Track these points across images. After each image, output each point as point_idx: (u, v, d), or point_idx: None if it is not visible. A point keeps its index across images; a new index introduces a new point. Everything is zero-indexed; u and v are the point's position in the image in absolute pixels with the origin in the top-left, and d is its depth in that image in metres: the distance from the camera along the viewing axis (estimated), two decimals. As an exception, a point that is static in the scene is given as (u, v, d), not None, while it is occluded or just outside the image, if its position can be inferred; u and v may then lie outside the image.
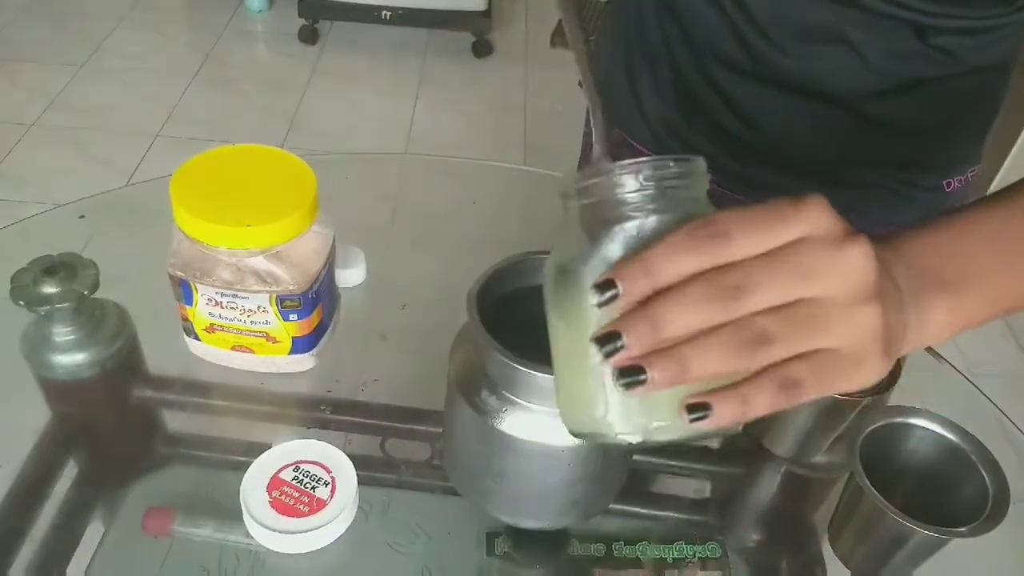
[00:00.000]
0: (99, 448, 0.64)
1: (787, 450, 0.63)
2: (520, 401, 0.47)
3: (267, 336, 0.64)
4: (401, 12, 2.63)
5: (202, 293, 0.62)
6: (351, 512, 0.56)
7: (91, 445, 0.64)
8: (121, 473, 0.62)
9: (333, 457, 0.57)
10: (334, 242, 0.66)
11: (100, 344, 0.64)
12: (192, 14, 2.88)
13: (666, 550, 0.56)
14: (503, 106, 2.53)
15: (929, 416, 0.56)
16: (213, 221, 0.59)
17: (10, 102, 2.33)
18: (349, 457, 0.57)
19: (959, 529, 0.50)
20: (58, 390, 0.65)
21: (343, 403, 0.66)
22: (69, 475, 0.60)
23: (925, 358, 0.75)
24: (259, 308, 0.62)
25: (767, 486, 0.65)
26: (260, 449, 0.57)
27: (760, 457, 0.64)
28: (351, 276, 0.75)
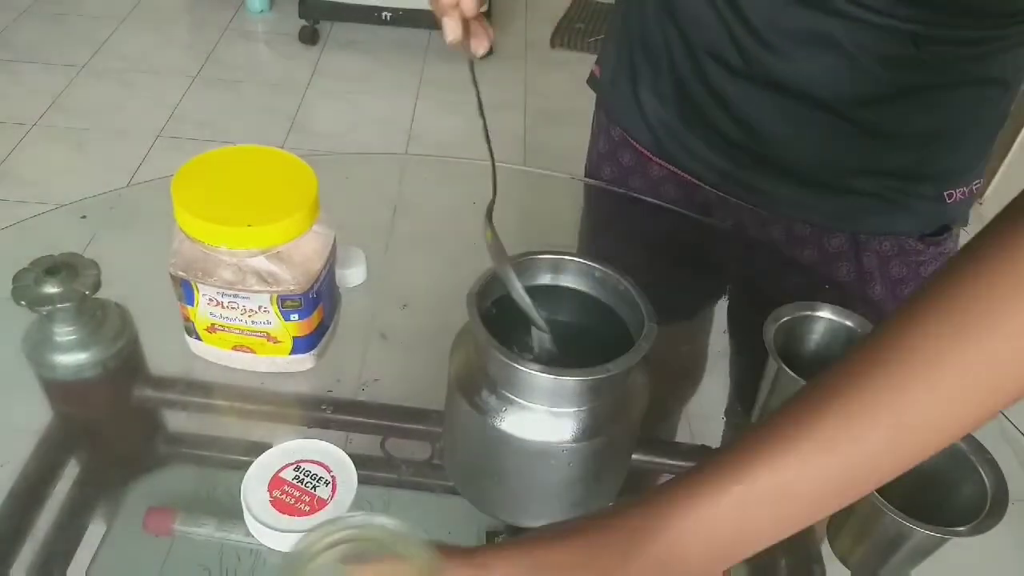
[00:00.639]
0: (100, 448, 0.65)
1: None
2: (520, 400, 0.47)
3: (268, 336, 0.64)
4: (401, 13, 2.63)
5: (203, 293, 0.62)
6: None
7: (92, 445, 0.64)
8: (122, 473, 0.62)
9: (334, 456, 0.58)
10: (335, 242, 0.66)
11: (101, 344, 0.64)
12: (193, 15, 2.88)
13: (666, 549, 0.56)
14: (503, 106, 2.53)
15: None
16: (214, 221, 0.59)
17: (12, 102, 2.33)
18: (350, 456, 0.57)
19: (958, 529, 0.50)
20: (60, 390, 0.65)
21: (344, 403, 0.66)
22: (70, 475, 0.60)
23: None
24: (260, 308, 0.62)
25: (766, 486, 0.65)
26: (261, 448, 0.57)
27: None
28: (352, 276, 0.75)
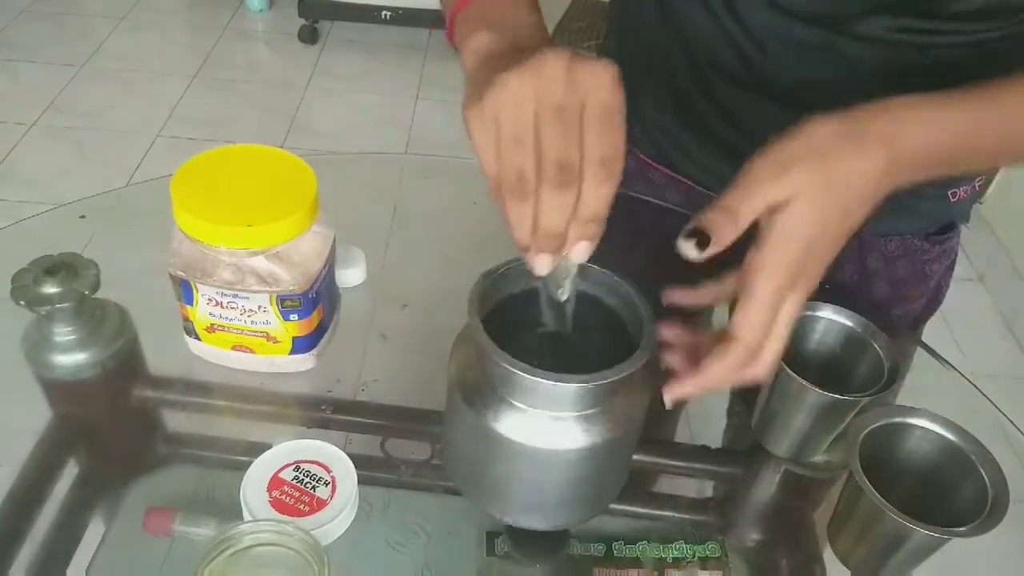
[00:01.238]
0: (100, 448, 0.65)
1: (787, 450, 0.63)
2: (519, 404, 0.47)
3: (267, 336, 0.64)
4: (401, 12, 2.63)
5: (203, 293, 0.62)
6: (351, 512, 0.56)
7: (92, 445, 0.64)
8: (122, 473, 0.62)
9: (333, 457, 0.57)
10: (334, 242, 0.66)
11: (101, 344, 0.64)
12: (192, 14, 2.88)
13: (666, 549, 0.56)
14: (503, 106, 2.53)
15: (928, 416, 0.56)
16: (214, 221, 0.59)
17: (11, 102, 2.33)
18: (349, 457, 0.57)
19: (958, 529, 0.50)
20: (59, 390, 0.65)
21: (343, 403, 0.66)
22: (70, 475, 0.60)
23: (926, 358, 0.75)
24: (259, 308, 0.62)
25: (767, 486, 0.65)
26: (260, 449, 0.57)
27: (760, 457, 0.64)
28: (351, 276, 0.75)
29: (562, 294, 0.48)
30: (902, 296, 0.81)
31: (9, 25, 2.66)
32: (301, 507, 0.54)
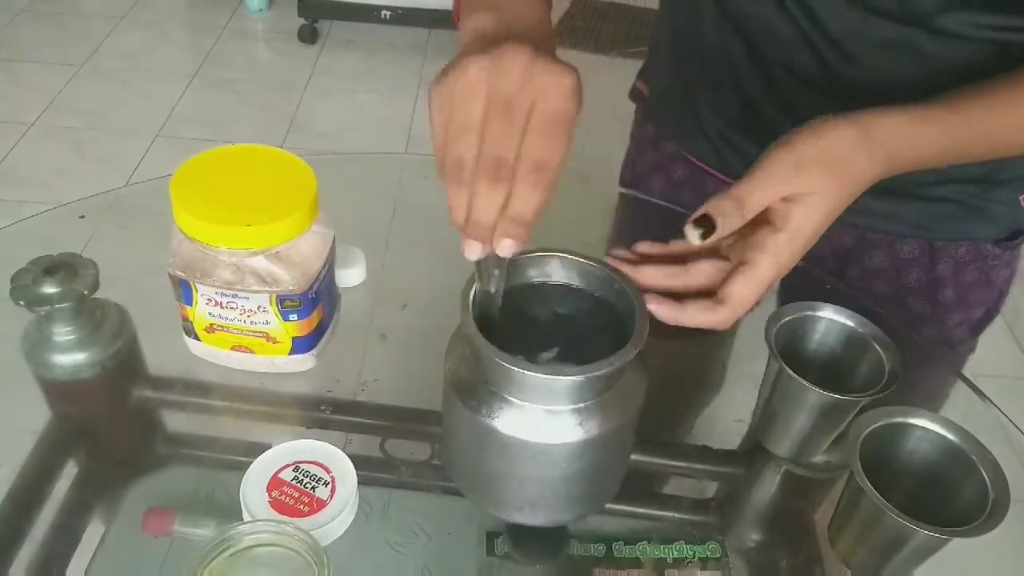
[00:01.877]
0: (99, 448, 0.64)
1: (787, 450, 0.63)
2: (515, 400, 0.47)
3: (267, 336, 0.64)
4: (401, 12, 2.63)
5: (202, 293, 0.62)
6: (351, 512, 0.56)
7: (91, 445, 0.64)
8: (121, 473, 0.62)
9: (333, 457, 0.57)
10: (334, 242, 0.66)
11: (100, 344, 0.64)
12: (192, 14, 2.87)
13: (666, 550, 0.56)
14: (503, 106, 2.53)
15: (929, 416, 0.56)
16: (213, 221, 0.59)
17: (10, 102, 2.33)
18: (349, 457, 0.57)
19: (959, 529, 0.50)
20: (58, 390, 0.65)
21: (343, 403, 0.66)
22: (69, 475, 0.60)
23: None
24: (259, 308, 0.62)
25: (767, 486, 0.65)
26: (260, 449, 0.57)
27: (760, 457, 0.64)
28: (351, 276, 0.75)
29: (490, 284, 0.48)
30: (966, 302, 0.80)
31: (8, 25, 2.66)
32: (301, 507, 0.54)
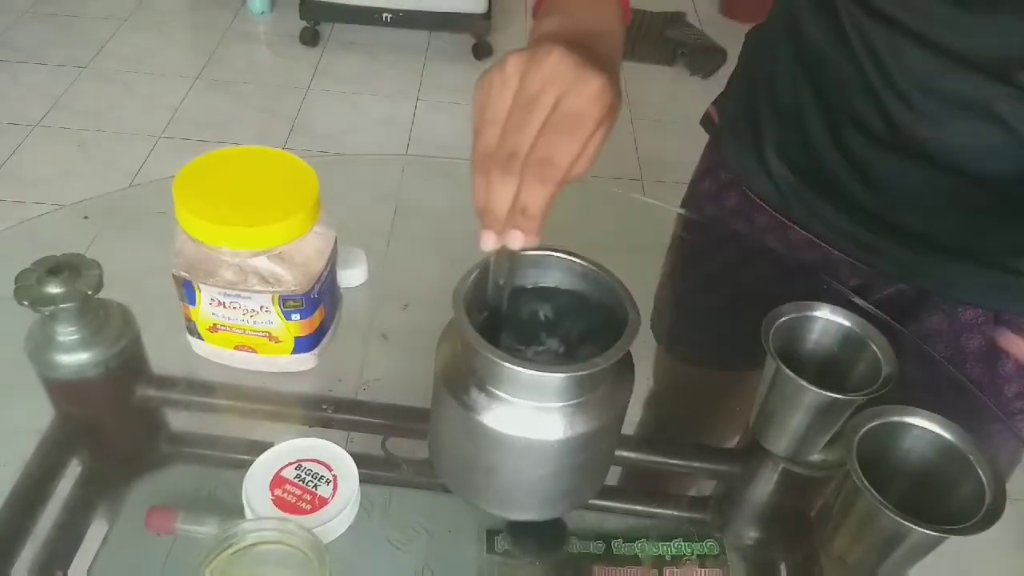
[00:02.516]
0: (102, 447, 0.65)
1: (784, 448, 0.63)
2: (505, 396, 0.48)
3: (270, 336, 0.64)
4: (402, 14, 2.63)
5: (205, 293, 0.62)
6: (353, 510, 0.56)
7: (94, 444, 0.65)
8: (124, 472, 0.62)
9: (335, 455, 0.58)
10: (336, 242, 0.66)
11: (104, 344, 0.65)
12: (194, 16, 2.88)
13: (665, 548, 0.57)
14: (504, 107, 2.53)
15: (926, 415, 0.56)
16: (216, 222, 0.59)
17: (13, 103, 2.33)
18: (351, 455, 0.58)
19: (955, 527, 0.50)
20: (62, 389, 0.65)
21: (345, 402, 0.66)
22: (72, 474, 0.61)
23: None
24: (262, 308, 0.62)
25: (765, 484, 0.65)
26: (262, 448, 0.58)
27: (758, 456, 0.65)
28: (353, 276, 0.75)
29: (500, 277, 0.49)
30: None
31: (11, 27, 2.66)
32: (303, 505, 0.55)
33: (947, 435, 0.55)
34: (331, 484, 0.56)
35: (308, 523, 0.53)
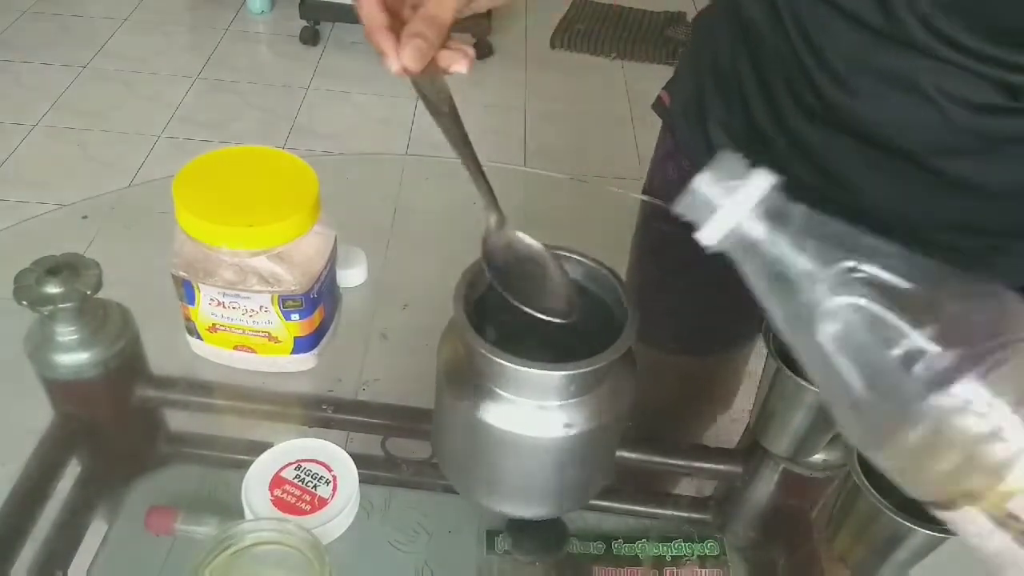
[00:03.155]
0: (102, 447, 0.65)
1: (785, 449, 0.63)
2: (506, 394, 0.48)
3: (269, 336, 0.64)
4: (402, 13, 2.64)
5: (204, 293, 0.62)
6: (352, 510, 0.56)
7: (94, 444, 0.65)
8: (124, 472, 0.62)
9: (334, 456, 0.58)
10: (335, 242, 0.66)
11: (103, 344, 0.65)
12: (194, 15, 2.88)
13: (665, 548, 0.57)
14: (503, 107, 2.53)
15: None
16: (216, 222, 0.59)
17: (13, 103, 2.34)
18: (350, 456, 0.58)
19: (956, 527, 0.50)
20: (61, 390, 0.65)
21: (344, 402, 0.66)
22: (72, 474, 0.61)
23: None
24: (261, 308, 0.62)
25: (765, 485, 0.65)
26: (262, 448, 0.58)
27: (758, 456, 0.65)
28: (352, 276, 0.75)
29: (439, 106, 0.51)
30: None
31: (11, 26, 2.66)
32: (302, 506, 0.55)
33: (948, 435, 0.55)
34: (331, 484, 0.56)
35: (308, 523, 0.53)
